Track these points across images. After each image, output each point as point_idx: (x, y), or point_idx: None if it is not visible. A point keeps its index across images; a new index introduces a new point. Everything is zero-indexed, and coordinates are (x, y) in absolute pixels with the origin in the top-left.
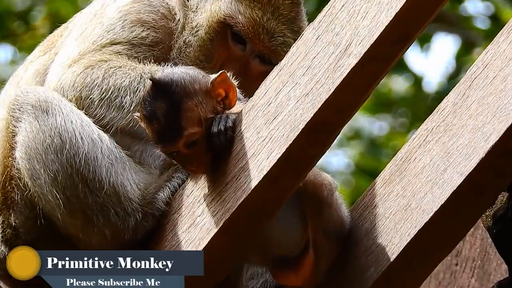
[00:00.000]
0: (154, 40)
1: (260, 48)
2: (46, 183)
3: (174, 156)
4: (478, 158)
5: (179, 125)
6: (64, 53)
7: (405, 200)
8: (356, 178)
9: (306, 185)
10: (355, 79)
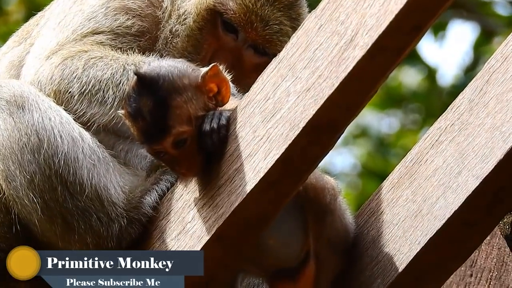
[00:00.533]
0: (140, 29)
1: (253, 38)
2: (22, 185)
3: (161, 157)
4: (496, 160)
5: (167, 124)
6: (41, 43)
7: (415, 205)
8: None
9: (307, 189)
10: (362, 73)
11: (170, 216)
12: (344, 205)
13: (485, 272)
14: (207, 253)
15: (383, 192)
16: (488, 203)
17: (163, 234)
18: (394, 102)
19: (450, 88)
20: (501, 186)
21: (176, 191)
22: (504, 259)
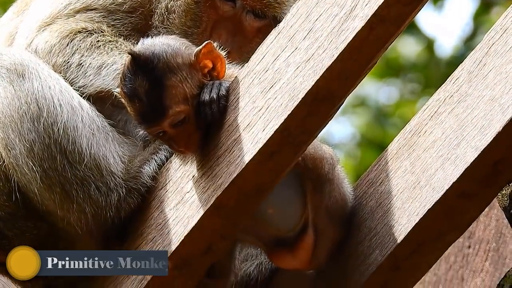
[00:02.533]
0: (132, 5)
1: (251, 3)
2: (21, 154)
3: (159, 136)
4: (495, 131)
5: (163, 104)
6: (34, 13)
7: (414, 177)
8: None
9: (306, 159)
10: (361, 44)
11: (169, 186)
12: (342, 174)
13: (483, 243)
14: (205, 223)
15: (381, 163)
16: (487, 174)
17: (162, 204)
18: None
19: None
20: (499, 158)
21: (175, 161)
22: (502, 231)
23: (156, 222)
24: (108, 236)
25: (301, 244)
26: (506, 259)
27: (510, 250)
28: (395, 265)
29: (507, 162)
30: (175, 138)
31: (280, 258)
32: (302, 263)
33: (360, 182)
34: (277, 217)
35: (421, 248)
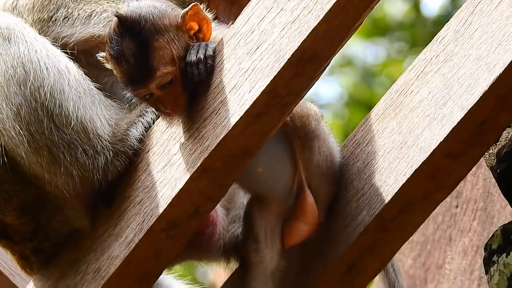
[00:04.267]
0: None
1: None
2: (8, 117)
3: (146, 98)
4: (481, 90)
5: (151, 66)
6: None
7: (400, 137)
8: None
9: (293, 118)
10: (347, 4)
11: (156, 148)
12: (327, 129)
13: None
14: (192, 185)
15: (368, 123)
16: (474, 134)
17: (149, 166)
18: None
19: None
20: (486, 117)
21: (162, 124)
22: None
23: (143, 184)
24: (95, 199)
25: (305, 206)
26: (494, 218)
27: (498, 209)
28: (383, 226)
29: (494, 121)
30: (162, 100)
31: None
32: (312, 223)
33: (347, 143)
34: (267, 176)
35: (409, 208)
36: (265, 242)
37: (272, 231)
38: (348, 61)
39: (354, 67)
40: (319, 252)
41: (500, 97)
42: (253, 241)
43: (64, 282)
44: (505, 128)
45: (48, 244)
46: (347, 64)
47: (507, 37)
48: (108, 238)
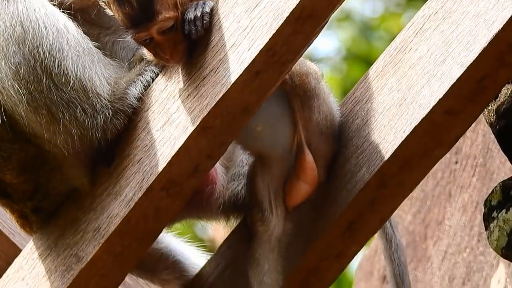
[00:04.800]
0: None
1: None
2: (7, 76)
3: (146, 43)
4: (480, 47)
5: (154, 9)
6: None
7: (400, 94)
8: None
9: (292, 76)
10: None
11: (155, 107)
12: (327, 89)
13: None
14: (191, 143)
15: (367, 81)
16: (473, 90)
17: (148, 125)
18: None
19: None
20: (485, 73)
21: (161, 82)
22: (489, 146)
23: (142, 143)
24: (95, 158)
25: (304, 165)
26: (493, 174)
27: (497, 165)
28: (383, 182)
29: (493, 77)
30: (162, 46)
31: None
32: (313, 182)
33: (346, 100)
34: (266, 135)
35: (408, 165)
36: (269, 208)
37: (275, 195)
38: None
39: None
40: (319, 211)
41: (499, 54)
42: (258, 210)
43: (64, 241)
44: (504, 84)
45: (48, 203)
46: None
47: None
48: (107, 197)
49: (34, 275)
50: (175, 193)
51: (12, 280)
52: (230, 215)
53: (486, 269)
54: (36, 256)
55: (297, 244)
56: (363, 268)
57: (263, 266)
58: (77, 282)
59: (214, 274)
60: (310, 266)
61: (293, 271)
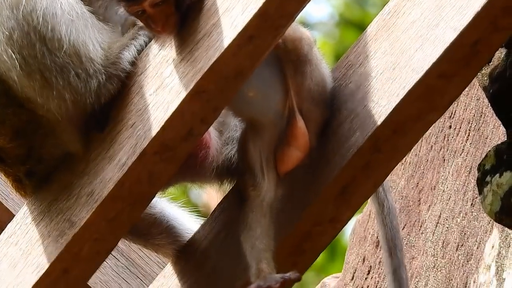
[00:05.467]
0: None
1: None
2: (0, 41)
3: (139, 15)
4: (474, 11)
5: None
6: None
7: (393, 57)
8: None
9: (285, 41)
10: None
11: (148, 71)
12: (320, 56)
13: (464, 123)
14: (185, 107)
15: (360, 45)
16: (466, 54)
17: (142, 89)
18: None
19: None
20: (478, 37)
21: (154, 46)
22: (483, 110)
23: (136, 107)
24: (88, 123)
25: (296, 131)
26: (487, 138)
27: (491, 129)
28: (376, 147)
29: (486, 42)
30: (154, 18)
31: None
32: (304, 148)
33: (340, 64)
34: (258, 100)
35: (402, 129)
36: (261, 174)
37: (267, 161)
38: None
39: None
40: (312, 176)
41: (492, 17)
42: (250, 175)
43: (57, 205)
44: (497, 48)
45: (41, 167)
46: None
47: None
48: (101, 161)
49: (27, 240)
50: (169, 158)
51: (5, 245)
52: (223, 179)
53: (480, 234)
54: (29, 221)
55: (289, 210)
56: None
57: (255, 230)
58: (70, 247)
59: (208, 239)
60: (303, 231)
61: (286, 236)
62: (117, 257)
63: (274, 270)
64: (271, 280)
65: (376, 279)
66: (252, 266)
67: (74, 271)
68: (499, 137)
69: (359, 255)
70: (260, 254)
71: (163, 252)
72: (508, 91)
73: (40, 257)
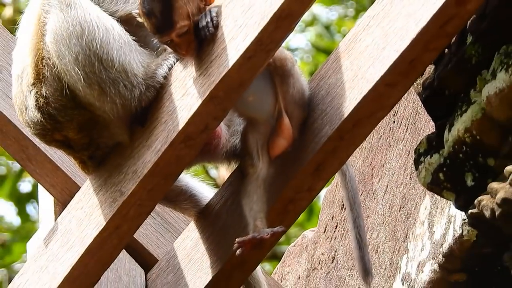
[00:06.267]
0: None
1: None
2: (69, 62)
3: (168, 43)
4: (410, 38)
5: (172, 20)
6: None
7: (352, 72)
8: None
9: (274, 60)
10: None
11: (176, 83)
12: (299, 71)
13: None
14: (202, 109)
15: (329, 62)
16: (405, 69)
17: (171, 96)
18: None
19: None
20: (414, 57)
21: (180, 65)
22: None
23: (167, 109)
24: (133, 120)
25: (283, 125)
26: (421, 130)
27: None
28: (340, 136)
29: (420, 60)
30: (179, 45)
31: (274, 144)
32: (288, 139)
33: (314, 77)
34: (255, 103)
35: (359, 123)
36: (257, 157)
37: (261, 147)
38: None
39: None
40: (294, 158)
41: (424, 42)
42: (249, 157)
43: (111, 180)
44: (428, 64)
45: (99, 152)
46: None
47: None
48: (142, 148)
49: (89, 205)
50: (191, 145)
51: (74, 209)
52: (231, 161)
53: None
54: (91, 191)
55: (278, 182)
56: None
57: (252, 197)
58: (120, 210)
59: (220, 204)
60: (287, 197)
61: (276, 201)
62: (155, 217)
63: (266, 226)
64: (264, 232)
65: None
66: (250, 223)
67: (123, 227)
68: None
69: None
70: (256, 214)
71: (188, 213)
72: (436, 95)
73: (99, 218)
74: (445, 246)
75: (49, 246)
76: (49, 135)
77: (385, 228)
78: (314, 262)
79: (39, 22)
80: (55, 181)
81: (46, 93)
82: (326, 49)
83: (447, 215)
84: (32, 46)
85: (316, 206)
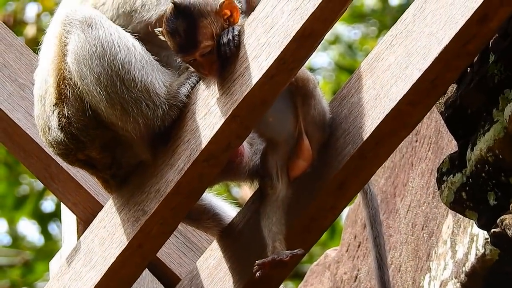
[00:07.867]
0: None
1: None
2: (91, 82)
3: (191, 63)
4: (433, 57)
5: (196, 39)
6: None
7: (375, 91)
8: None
9: (296, 80)
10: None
11: (199, 102)
12: (321, 93)
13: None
14: (225, 128)
15: (351, 82)
16: (428, 88)
17: (194, 115)
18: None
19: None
20: (436, 76)
21: (202, 84)
22: (440, 129)
23: (190, 128)
24: (156, 139)
25: (303, 147)
26: (443, 149)
27: (446, 142)
28: (363, 155)
29: (442, 79)
30: (202, 65)
31: (293, 165)
32: (308, 160)
33: (336, 96)
34: (276, 124)
35: (382, 142)
36: (276, 178)
37: (281, 169)
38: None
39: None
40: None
41: (446, 61)
42: (268, 178)
43: (134, 199)
44: (451, 83)
45: (122, 171)
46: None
47: (451, 18)
48: (165, 167)
49: (112, 224)
50: (214, 164)
51: (97, 228)
52: (253, 179)
53: (439, 218)
54: (114, 210)
55: (300, 201)
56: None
57: (271, 218)
58: (143, 229)
59: (242, 223)
60: (310, 216)
61: (297, 220)
62: (177, 236)
63: (285, 247)
64: (283, 255)
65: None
66: (269, 244)
67: (146, 246)
68: (452, 148)
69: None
70: (275, 236)
71: (211, 232)
72: (458, 115)
73: (121, 237)
74: (467, 265)
75: (72, 265)
76: (72, 155)
77: (408, 247)
78: (336, 281)
79: (60, 43)
80: (78, 200)
81: (68, 113)
82: (349, 67)
83: (470, 234)
84: (54, 66)
85: (339, 225)
